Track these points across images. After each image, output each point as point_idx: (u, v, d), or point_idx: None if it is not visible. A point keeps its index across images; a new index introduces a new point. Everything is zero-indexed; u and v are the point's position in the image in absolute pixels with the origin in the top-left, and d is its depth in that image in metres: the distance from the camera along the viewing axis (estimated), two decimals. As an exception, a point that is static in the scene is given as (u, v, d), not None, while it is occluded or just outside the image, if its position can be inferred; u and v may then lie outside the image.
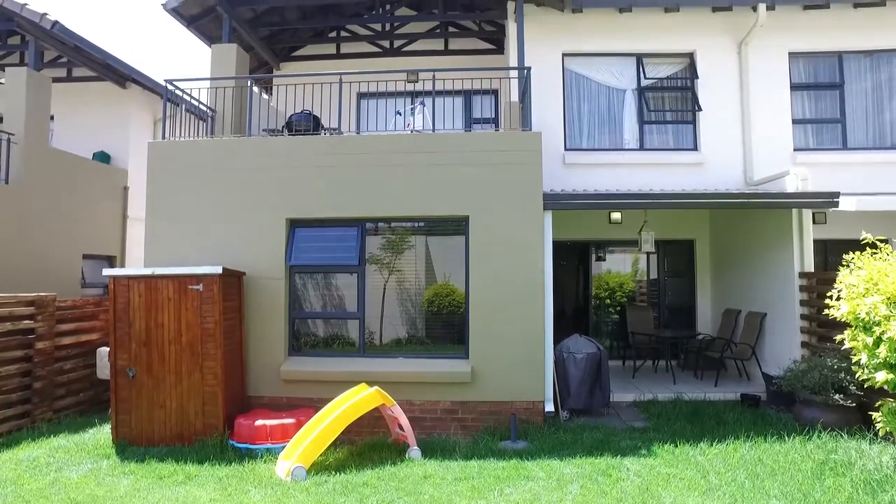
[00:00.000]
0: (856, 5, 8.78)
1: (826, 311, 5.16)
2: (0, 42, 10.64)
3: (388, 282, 7.28)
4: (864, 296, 4.69)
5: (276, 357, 6.92)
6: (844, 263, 5.13)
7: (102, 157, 11.15)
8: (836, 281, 5.11)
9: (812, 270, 7.32)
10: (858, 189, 7.75)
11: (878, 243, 4.98)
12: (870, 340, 4.54)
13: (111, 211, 11.08)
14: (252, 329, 6.94)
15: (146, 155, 7.30)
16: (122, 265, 11.12)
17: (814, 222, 7.51)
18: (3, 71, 9.79)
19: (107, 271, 6.37)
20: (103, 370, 7.20)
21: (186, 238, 7.04)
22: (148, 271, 6.29)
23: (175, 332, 6.19)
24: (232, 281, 6.61)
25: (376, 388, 5.69)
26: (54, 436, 6.38)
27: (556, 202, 7.04)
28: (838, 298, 5.01)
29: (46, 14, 8.79)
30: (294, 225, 7.14)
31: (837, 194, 7.01)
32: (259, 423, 5.97)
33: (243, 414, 6.32)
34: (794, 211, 7.40)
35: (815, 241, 7.48)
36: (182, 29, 9.05)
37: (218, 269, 6.18)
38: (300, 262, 7.05)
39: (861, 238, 5.10)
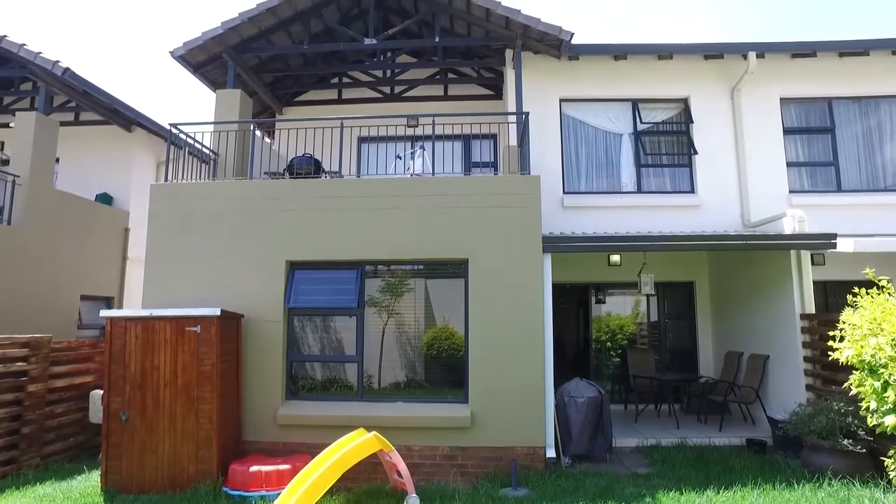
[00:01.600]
0: (841, 54, 9.05)
1: (830, 355, 5.10)
2: (13, 88, 10.91)
3: (387, 324, 7.23)
4: (867, 336, 4.64)
5: (272, 401, 6.79)
6: (850, 303, 5.10)
7: (105, 199, 11.25)
8: (839, 322, 5.07)
9: (813, 312, 7.29)
10: (854, 230, 7.82)
11: (880, 282, 4.97)
12: (878, 384, 4.46)
13: (111, 252, 11.09)
14: (249, 372, 6.84)
15: (148, 196, 7.36)
16: (120, 306, 11.06)
17: (812, 263, 7.53)
18: (13, 115, 9.98)
19: (104, 312, 6.32)
20: (96, 414, 7.05)
21: (185, 279, 7.02)
22: (145, 313, 6.24)
23: (171, 374, 6.10)
24: (230, 323, 6.56)
25: (374, 433, 5.56)
26: (40, 483, 6.18)
27: (555, 245, 7.07)
28: (841, 340, 4.96)
29: (58, 61, 9.03)
30: (294, 267, 7.14)
31: (835, 236, 7.06)
32: (254, 468, 5.81)
33: (238, 459, 6.16)
34: (793, 252, 7.43)
35: (815, 283, 7.48)
36: (185, 72, 9.24)
37: (216, 311, 6.14)
38: (299, 305, 7.02)
39: (863, 275, 5.09)
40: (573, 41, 8.36)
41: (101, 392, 6.50)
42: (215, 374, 6.06)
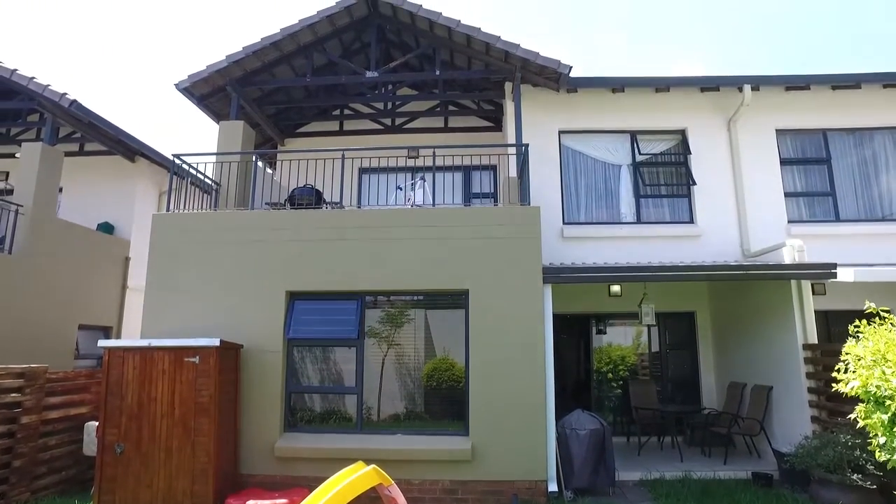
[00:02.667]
0: (834, 87, 9.21)
1: (834, 386, 5.04)
2: (20, 119, 11.07)
3: (386, 355, 7.19)
4: (872, 368, 4.61)
5: (270, 433, 6.69)
6: (852, 333, 5.07)
7: (106, 228, 11.28)
8: (842, 353, 5.04)
9: (816, 342, 7.25)
10: (853, 259, 7.83)
11: (882, 314, 4.95)
12: (885, 418, 4.40)
13: (111, 281, 11.08)
14: (247, 403, 6.76)
15: (150, 226, 7.40)
16: (118, 336, 10.99)
17: (813, 293, 7.52)
18: (20, 146, 10.09)
19: (102, 342, 6.29)
20: (90, 446, 6.93)
21: (185, 309, 7.01)
22: (144, 343, 6.21)
23: (168, 405, 6.03)
24: (229, 353, 6.51)
25: (373, 466, 5.44)
26: (31, 519, 6.04)
27: (555, 276, 7.07)
28: (846, 371, 4.92)
29: (66, 94, 9.17)
30: (294, 297, 7.13)
31: (834, 265, 7.07)
32: (250, 503, 5.69)
33: (234, 493, 6.04)
34: (793, 282, 7.43)
35: (816, 312, 7.46)
36: (188, 103, 9.36)
37: (215, 342, 6.10)
38: (299, 336, 6.98)
39: (864, 308, 5.07)
40: (571, 74, 8.51)
41: (96, 424, 6.39)
42: (213, 405, 5.99)
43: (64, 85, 9.47)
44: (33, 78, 9.20)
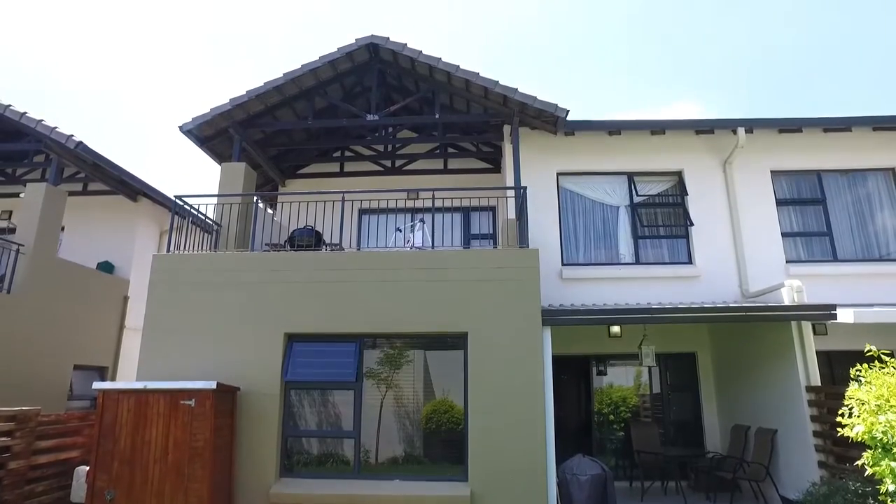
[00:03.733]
0: (826, 130, 9.36)
1: (840, 430, 4.96)
2: (26, 160, 11.22)
3: (385, 397, 7.10)
4: (877, 413, 4.54)
5: (266, 477, 6.55)
6: (853, 377, 5.02)
7: (106, 267, 11.29)
8: (846, 396, 4.97)
9: (819, 384, 7.17)
10: (852, 299, 7.84)
11: (883, 357, 4.91)
12: (894, 465, 4.31)
13: (108, 321, 11.01)
14: (243, 447, 6.64)
15: (149, 266, 7.42)
16: (114, 377, 10.86)
17: (815, 333, 7.48)
18: (24, 185, 10.19)
19: (97, 385, 6.22)
20: (78, 492, 6.74)
21: (182, 350, 6.96)
22: (139, 385, 6.14)
23: (162, 450, 5.91)
24: (225, 396, 6.43)
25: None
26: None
27: (554, 318, 7.06)
28: (850, 415, 4.85)
29: (72, 136, 9.32)
30: (292, 339, 7.10)
31: (834, 307, 7.06)
32: (242, 554, 5.52)
33: (226, 543, 5.86)
34: (794, 323, 7.40)
35: (819, 353, 7.40)
36: (187, 141, 9.46)
37: (212, 384, 6.04)
38: (297, 378, 6.91)
39: (865, 350, 5.04)
40: (568, 118, 8.67)
41: (87, 468, 6.25)
42: (208, 450, 5.87)
43: (68, 124, 9.57)
44: (41, 120, 9.37)
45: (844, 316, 7.02)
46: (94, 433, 6.01)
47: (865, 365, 4.97)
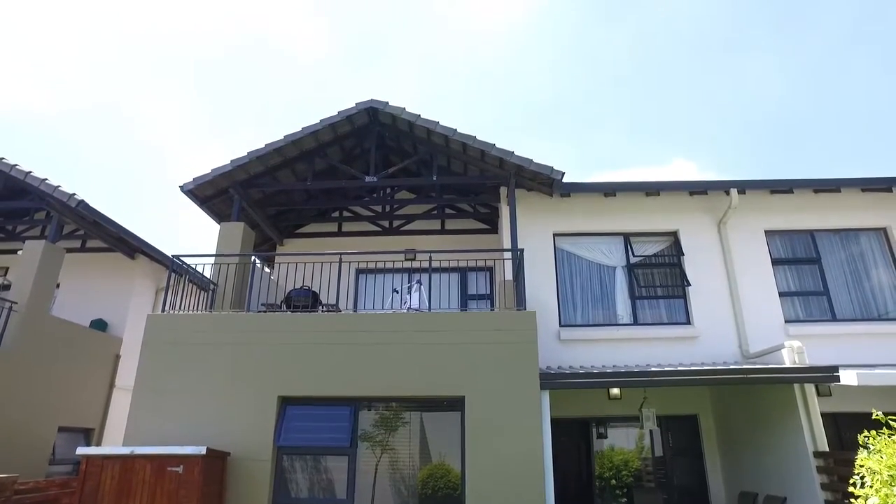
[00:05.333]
0: (816, 191, 9.51)
1: (853, 501, 4.78)
2: (27, 217, 11.31)
3: (380, 461, 6.89)
4: (890, 484, 4.39)
5: (254, 551, 6.23)
6: (862, 444, 4.88)
7: (99, 325, 11.15)
8: (856, 465, 4.83)
9: (827, 450, 6.98)
10: (853, 360, 7.75)
11: (892, 424, 4.79)
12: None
13: (98, 380, 10.77)
14: (230, 518, 6.34)
15: (144, 324, 7.34)
16: (100, 439, 10.52)
17: (819, 394, 7.36)
18: (23, 242, 10.20)
19: (81, 450, 6.03)
20: (57, 567, 6.41)
21: (172, 412, 6.80)
22: (126, 450, 5.95)
23: (145, 521, 5.64)
24: (215, 463, 6.21)
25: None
26: None
27: (553, 381, 6.96)
28: (862, 485, 4.69)
29: (74, 194, 9.42)
30: (286, 403, 6.95)
31: (836, 368, 6.97)
32: None
33: None
34: (796, 385, 7.28)
35: (824, 415, 7.24)
36: (182, 196, 9.50)
37: (201, 450, 5.85)
38: (289, 444, 6.72)
39: (872, 415, 4.93)
40: (564, 179, 8.83)
41: (67, 542, 5.96)
42: (194, 522, 5.61)
43: (68, 182, 9.69)
44: (45, 179, 9.49)
45: (847, 378, 6.92)
46: (75, 502, 5.75)
47: (873, 431, 4.86)
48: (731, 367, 7.92)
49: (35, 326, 9.33)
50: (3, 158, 9.61)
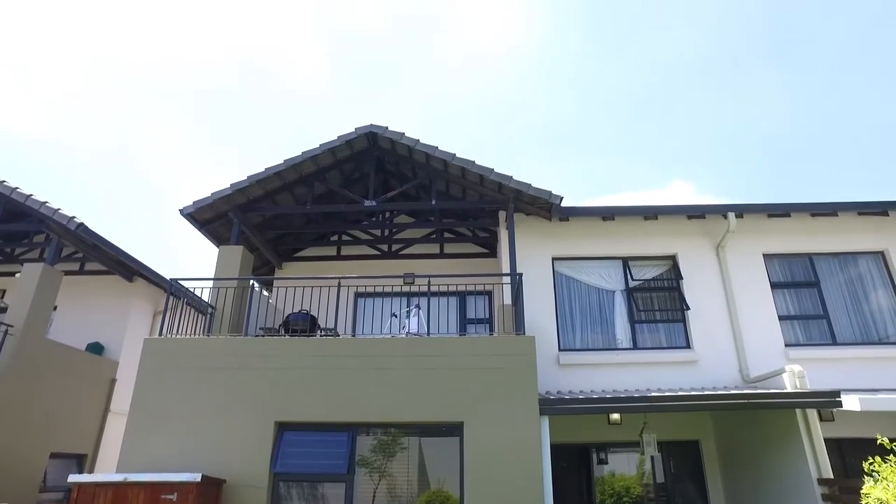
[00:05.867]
0: (813, 214, 9.54)
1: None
2: (26, 240, 11.32)
3: (378, 487, 6.79)
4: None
5: (248, 583, 6.09)
6: (867, 472, 4.83)
7: (95, 349, 11.07)
8: (863, 494, 4.77)
9: (831, 476, 6.87)
10: (855, 384, 7.72)
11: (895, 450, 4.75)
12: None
13: (93, 404, 10.65)
14: (225, 547, 6.22)
15: (140, 348, 7.30)
16: (92, 466, 10.35)
17: (821, 420, 7.29)
18: (21, 265, 10.19)
19: (73, 477, 5.93)
20: None
21: (168, 438, 6.72)
22: (119, 477, 5.86)
23: (137, 552, 5.53)
24: (210, 490, 6.10)
25: None
26: None
27: (552, 407, 6.91)
28: (868, 515, 4.62)
29: (74, 217, 9.45)
30: (283, 428, 6.87)
31: (838, 393, 6.92)
32: None
33: None
34: (798, 410, 7.22)
35: (828, 441, 7.16)
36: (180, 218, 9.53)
37: (196, 477, 5.77)
38: (286, 470, 6.63)
39: (877, 441, 4.88)
40: (563, 204, 8.87)
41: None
42: (187, 552, 5.49)
43: (66, 205, 9.71)
44: (45, 202, 9.53)
45: (850, 403, 6.87)
46: (67, 532, 5.64)
47: (878, 457, 4.81)
48: (732, 391, 7.85)
49: (30, 350, 9.25)
50: (4, 182, 9.66)
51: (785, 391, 7.32)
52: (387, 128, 9.07)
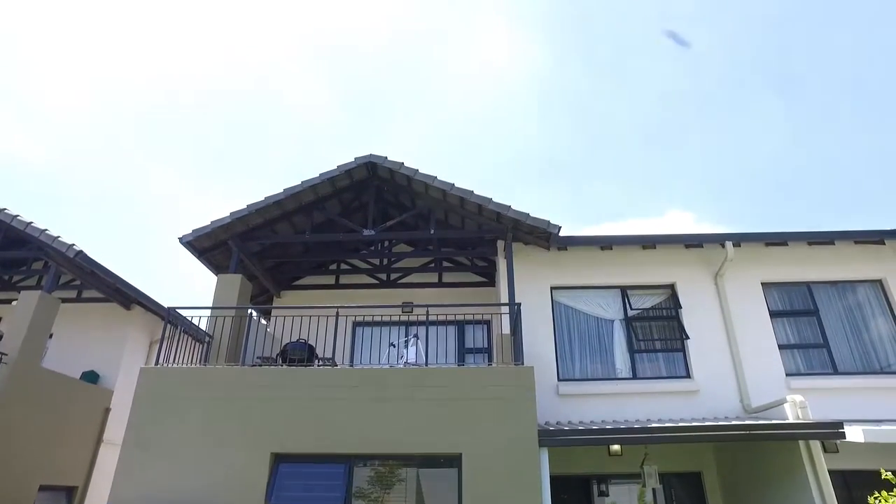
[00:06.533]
0: (810, 243, 9.58)
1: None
2: (24, 267, 11.31)
3: (374, 522, 6.62)
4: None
5: None
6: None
7: (90, 377, 10.96)
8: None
9: (839, 512, 6.74)
10: (857, 414, 7.62)
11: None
12: None
13: (86, 434, 10.48)
14: (216, 584, 6.06)
15: (136, 376, 7.25)
16: (83, 498, 10.14)
17: (825, 451, 7.18)
18: (18, 292, 10.16)
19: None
20: None
21: (162, 470, 6.63)
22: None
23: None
24: (202, 525, 5.97)
25: None
26: None
27: (551, 439, 6.82)
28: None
29: (73, 245, 9.46)
30: (279, 460, 6.77)
31: (841, 424, 6.83)
32: None
33: None
34: (802, 441, 7.12)
35: (833, 473, 7.04)
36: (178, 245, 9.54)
37: (189, 511, 5.63)
38: (282, 503, 6.47)
39: (882, 475, 4.81)
40: (561, 233, 8.91)
41: None
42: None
43: (68, 231, 9.71)
44: (45, 230, 9.54)
45: (853, 434, 6.78)
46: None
47: (885, 492, 4.73)
48: (734, 422, 7.76)
49: (23, 379, 9.14)
50: (5, 209, 9.70)
51: (787, 422, 7.23)
52: (386, 157, 9.15)
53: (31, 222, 9.61)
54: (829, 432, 6.86)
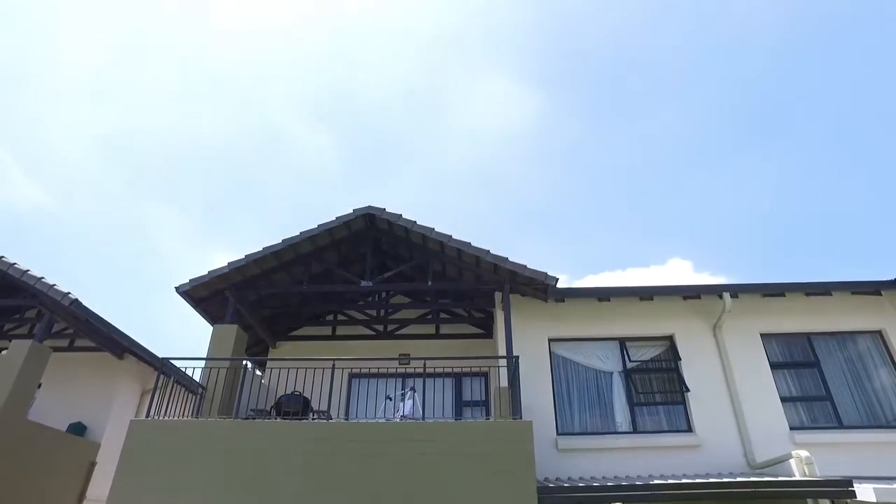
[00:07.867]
0: (807, 294, 9.57)
1: None
2: (18, 315, 11.18)
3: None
4: None
5: None
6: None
7: (77, 429, 10.64)
8: None
9: (851, 575, 6.47)
10: (865, 471, 7.43)
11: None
12: None
13: (68, 490, 10.06)
14: None
15: (125, 429, 7.06)
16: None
17: (834, 509, 6.95)
18: (10, 341, 10.01)
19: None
20: None
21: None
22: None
23: None
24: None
25: None
26: None
27: (551, 496, 6.62)
28: None
29: (69, 293, 9.40)
30: (271, 517, 6.50)
31: (850, 481, 6.64)
32: None
33: None
34: (810, 500, 6.91)
35: (848, 532, 6.80)
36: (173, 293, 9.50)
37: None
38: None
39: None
40: (558, 285, 8.91)
41: None
42: None
43: (62, 280, 9.63)
44: (42, 278, 9.50)
45: (864, 493, 6.58)
46: None
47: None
48: (739, 479, 7.53)
49: (7, 432, 8.86)
50: (2, 258, 9.69)
51: (794, 479, 7.04)
52: (384, 209, 9.25)
53: (28, 270, 9.58)
54: (839, 490, 6.66)
